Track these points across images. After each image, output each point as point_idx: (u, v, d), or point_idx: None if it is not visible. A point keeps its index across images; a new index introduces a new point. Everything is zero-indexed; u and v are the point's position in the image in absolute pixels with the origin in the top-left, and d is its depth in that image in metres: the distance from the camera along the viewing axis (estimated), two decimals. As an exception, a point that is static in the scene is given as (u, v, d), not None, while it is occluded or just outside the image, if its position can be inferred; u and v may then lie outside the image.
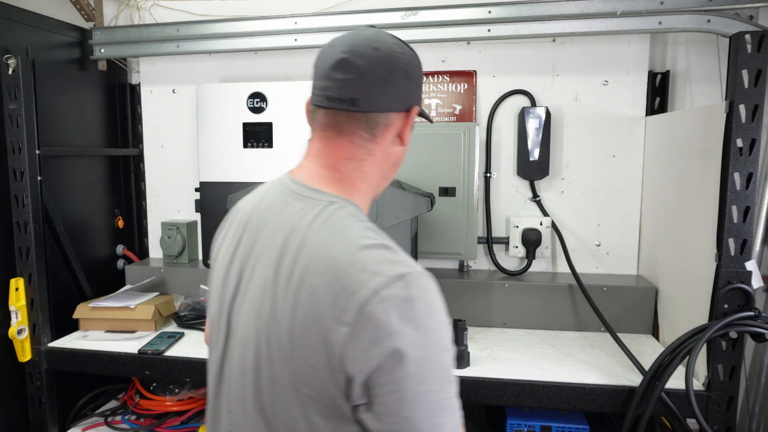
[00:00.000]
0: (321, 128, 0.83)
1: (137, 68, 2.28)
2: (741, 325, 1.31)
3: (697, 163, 1.51)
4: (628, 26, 1.71)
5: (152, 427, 1.79)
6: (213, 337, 0.86)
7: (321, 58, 0.83)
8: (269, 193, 0.85)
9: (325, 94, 0.81)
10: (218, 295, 0.85)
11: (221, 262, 0.86)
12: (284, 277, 0.73)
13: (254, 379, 0.75)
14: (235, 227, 0.86)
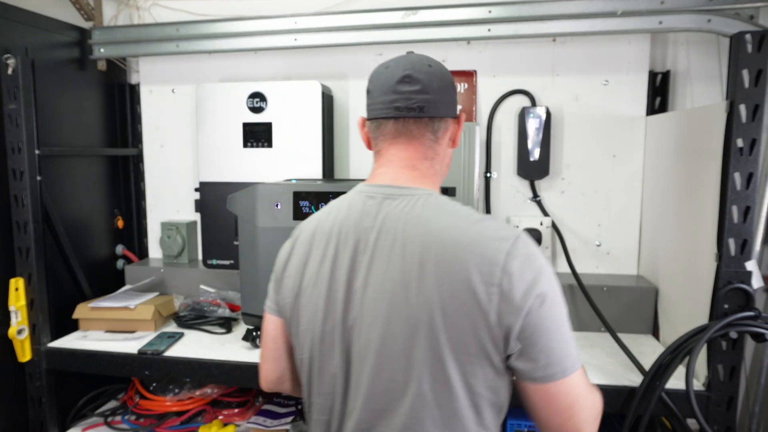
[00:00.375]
0: (392, 137, 0.94)
1: (137, 68, 2.28)
2: (741, 325, 1.31)
3: (697, 163, 1.51)
4: (629, 26, 1.71)
5: (152, 427, 1.79)
6: (319, 350, 0.91)
7: (380, 79, 0.94)
8: (353, 204, 0.93)
9: (394, 105, 0.91)
10: (319, 310, 0.90)
11: (313, 280, 0.92)
12: (416, 264, 0.82)
13: (406, 367, 0.82)
14: (320, 245, 0.92)
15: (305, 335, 0.94)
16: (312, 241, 0.94)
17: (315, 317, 0.91)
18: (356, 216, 0.90)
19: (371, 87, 0.96)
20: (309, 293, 0.92)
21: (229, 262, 2.00)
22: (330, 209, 0.97)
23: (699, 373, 1.44)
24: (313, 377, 0.94)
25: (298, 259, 0.95)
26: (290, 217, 1.55)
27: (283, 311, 1.00)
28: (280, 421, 1.77)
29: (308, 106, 1.90)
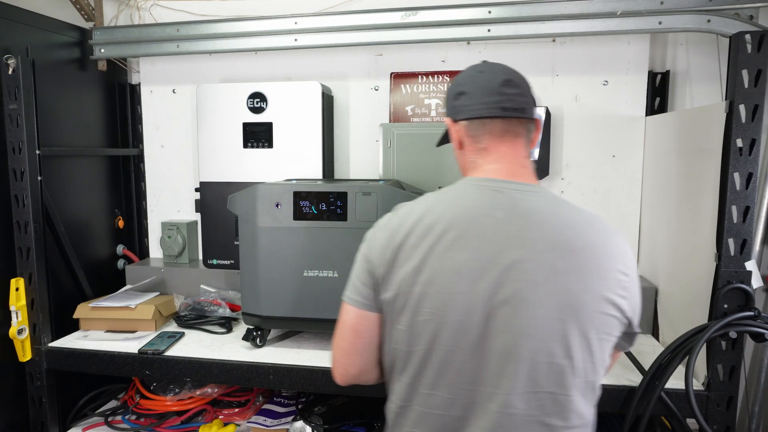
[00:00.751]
0: (500, 134, 1.01)
1: (137, 68, 2.28)
2: (741, 325, 1.31)
3: (697, 163, 1.51)
4: (628, 26, 1.71)
5: (152, 426, 1.79)
6: (448, 340, 0.91)
7: (478, 82, 1.02)
8: (477, 196, 0.96)
9: (500, 106, 0.99)
10: (454, 300, 0.90)
11: (447, 270, 0.91)
12: (562, 254, 0.89)
13: (564, 348, 0.89)
14: (445, 235, 0.92)
15: (425, 326, 0.92)
16: (430, 232, 0.93)
17: (447, 307, 0.91)
18: (486, 208, 0.94)
19: (467, 89, 1.02)
20: (441, 284, 0.91)
21: (229, 262, 2.00)
22: (439, 200, 0.98)
23: (698, 373, 1.44)
24: (427, 369, 0.93)
25: (417, 251, 0.93)
26: (290, 217, 1.55)
27: (387, 304, 0.97)
28: (280, 421, 1.77)
29: (308, 106, 1.91)
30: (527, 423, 0.90)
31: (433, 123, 2.03)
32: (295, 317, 1.59)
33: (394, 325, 0.98)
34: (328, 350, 1.64)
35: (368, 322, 1.02)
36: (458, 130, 1.05)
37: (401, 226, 0.97)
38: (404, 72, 2.06)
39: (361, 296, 1.02)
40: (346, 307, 1.05)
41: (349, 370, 1.06)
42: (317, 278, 1.56)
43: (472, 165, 1.04)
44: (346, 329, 1.04)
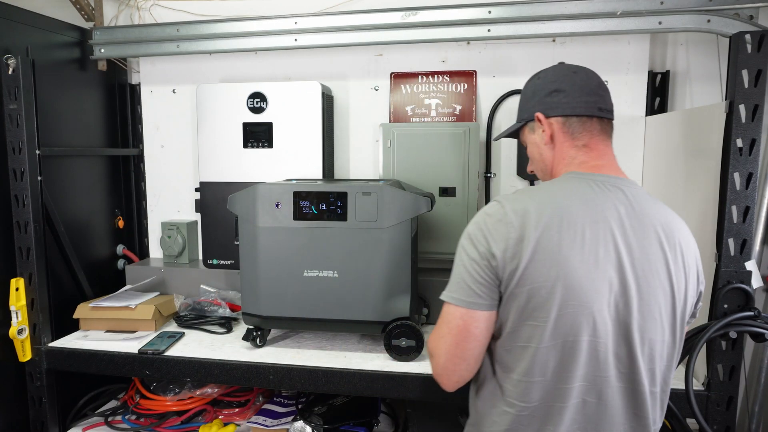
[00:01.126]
0: (598, 133, 1.07)
1: (137, 68, 2.28)
2: (741, 325, 1.31)
3: (697, 163, 1.51)
4: (628, 26, 1.71)
5: (152, 426, 1.79)
6: (593, 330, 0.94)
7: (574, 81, 1.07)
8: (593, 191, 1.00)
9: (597, 106, 1.06)
10: (597, 290, 0.94)
11: (583, 261, 0.94)
12: (667, 247, 0.98)
13: (671, 333, 1.00)
14: (570, 227, 0.95)
15: (570, 317, 0.93)
16: (561, 226, 0.95)
17: (590, 299, 0.93)
18: (609, 203, 0.98)
19: (564, 87, 1.07)
20: (582, 275, 0.93)
21: (229, 262, 2.00)
22: (555, 194, 1.00)
23: (698, 373, 1.44)
24: (575, 359, 0.95)
25: (552, 245, 0.93)
26: (290, 217, 1.55)
27: (514, 299, 0.96)
28: (280, 421, 1.77)
29: (308, 106, 1.91)
30: (646, 396, 1.00)
31: (433, 123, 2.03)
32: (295, 317, 1.59)
33: (526, 322, 0.96)
34: (328, 350, 1.65)
35: (481, 323, 0.99)
36: (551, 125, 1.08)
37: (525, 220, 0.96)
38: (404, 72, 2.06)
39: (472, 296, 0.99)
40: (452, 309, 1.01)
41: (463, 376, 1.04)
42: (317, 278, 1.56)
43: (570, 161, 1.07)
44: (455, 333, 1.00)
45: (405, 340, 1.54)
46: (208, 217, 2.01)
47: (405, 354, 1.55)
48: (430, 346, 1.08)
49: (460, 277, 1.00)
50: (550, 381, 0.96)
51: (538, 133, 1.11)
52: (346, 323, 1.58)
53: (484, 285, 0.98)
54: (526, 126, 1.15)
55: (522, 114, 1.17)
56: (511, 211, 0.98)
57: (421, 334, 1.54)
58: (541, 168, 1.15)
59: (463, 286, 0.99)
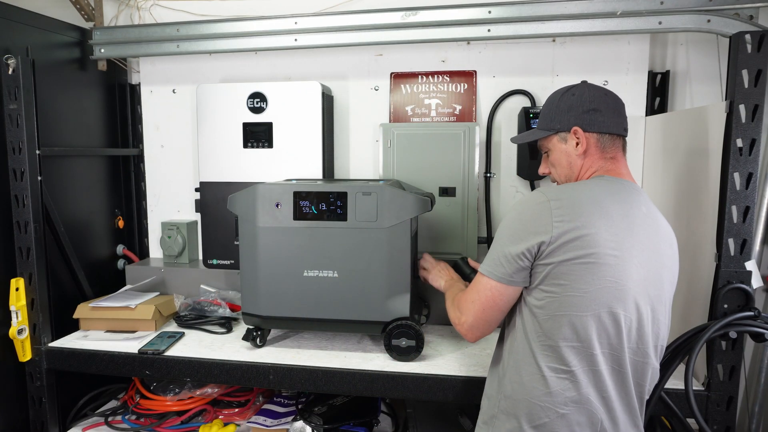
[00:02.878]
0: (621, 149, 1.24)
1: (137, 68, 2.28)
2: (741, 325, 1.31)
3: (697, 163, 1.51)
4: (628, 26, 1.71)
5: (152, 426, 1.79)
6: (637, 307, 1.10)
7: (608, 102, 1.22)
8: (624, 191, 1.15)
9: (623, 127, 1.24)
10: (639, 274, 1.10)
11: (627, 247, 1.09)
12: (665, 242, 1.16)
13: (668, 312, 1.18)
14: (610, 217, 1.09)
15: (605, 292, 1.07)
16: (590, 212, 1.08)
17: (623, 276, 1.07)
18: (635, 202, 1.14)
19: (600, 107, 1.21)
20: (617, 256, 1.07)
21: (229, 262, 2.00)
22: (590, 188, 1.14)
23: (698, 373, 1.44)
24: (606, 329, 1.08)
25: (587, 230, 1.06)
26: (290, 217, 1.55)
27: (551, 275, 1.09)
28: (279, 421, 1.77)
29: (308, 106, 1.91)
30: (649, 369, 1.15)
31: (433, 123, 2.03)
32: (295, 317, 1.59)
33: (566, 293, 1.08)
34: (328, 350, 1.65)
35: (508, 296, 1.16)
36: (588, 139, 1.21)
37: (567, 208, 1.09)
38: (404, 72, 2.06)
39: (505, 274, 1.13)
40: (485, 280, 1.18)
41: (485, 334, 1.24)
42: (317, 278, 1.56)
43: (599, 169, 1.22)
44: (483, 300, 1.19)
45: (405, 340, 1.54)
46: (208, 217, 2.01)
47: (405, 354, 1.55)
48: (461, 305, 1.25)
49: (498, 257, 1.15)
50: (586, 347, 1.08)
51: (571, 144, 1.23)
52: (346, 323, 1.58)
53: (519, 267, 1.12)
54: (556, 135, 1.26)
55: (553, 124, 1.26)
56: (554, 199, 1.10)
57: (421, 334, 1.54)
58: (566, 174, 1.27)
59: (498, 264, 1.14)
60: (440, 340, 1.72)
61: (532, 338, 1.12)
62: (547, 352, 1.10)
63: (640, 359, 1.12)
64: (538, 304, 1.11)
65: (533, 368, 1.11)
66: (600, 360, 1.09)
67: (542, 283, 1.10)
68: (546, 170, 1.33)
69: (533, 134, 1.32)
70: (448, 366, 1.53)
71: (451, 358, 1.58)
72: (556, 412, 1.09)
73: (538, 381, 1.11)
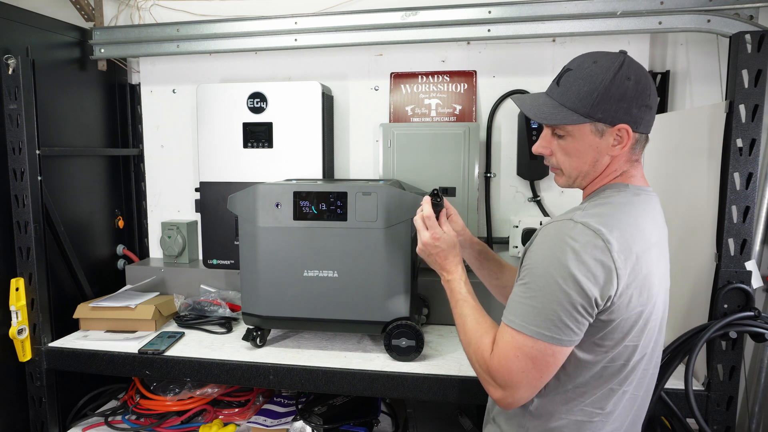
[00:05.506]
0: (644, 148, 1.06)
1: (137, 68, 2.28)
2: (741, 325, 1.31)
3: (697, 163, 1.51)
4: (628, 26, 1.71)
5: (152, 426, 1.79)
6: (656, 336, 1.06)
7: (654, 93, 1.02)
8: (656, 210, 1.07)
9: (651, 125, 1.05)
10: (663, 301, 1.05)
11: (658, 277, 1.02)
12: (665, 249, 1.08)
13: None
14: (653, 248, 1.01)
15: (652, 332, 1.03)
16: (640, 252, 0.97)
17: (665, 310, 1.07)
18: (659, 216, 1.07)
19: (652, 103, 1.01)
20: (658, 292, 1.02)
21: (229, 262, 2.00)
22: (633, 216, 1.00)
23: (698, 373, 1.44)
24: (643, 364, 1.03)
25: (639, 272, 0.96)
26: (290, 217, 1.55)
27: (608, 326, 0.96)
28: (280, 421, 1.77)
29: (308, 106, 1.91)
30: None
31: (433, 123, 2.03)
32: (295, 317, 1.59)
33: (622, 343, 0.98)
34: (328, 350, 1.65)
35: (562, 356, 0.97)
36: (631, 138, 1.00)
37: (622, 251, 0.94)
38: (404, 72, 2.06)
39: (569, 333, 0.95)
40: (541, 345, 0.95)
41: (530, 398, 1.03)
42: (317, 278, 1.56)
43: (620, 172, 1.04)
44: (542, 366, 0.97)
45: (405, 340, 1.54)
46: (208, 217, 2.01)
47: (405, 354, 1.55)
48: (499, 376, 1.00)
49: (555, 314, 0.94)
50: (627, 391, 1.03)
51: (607, 141, 1.00)
52: (346, 323, 1.58)
53: (581, 323, 0.94)
54: (591, 124, 1.00)
55: (594, 111, 0.98)
56: (611, 240, 0.93)
57: (421, 334, 1.54)
58: (581, 170, 1.05)
59: (558, 324, 0.94)
60: (440, 340, 1.72)
61: (564, 380, 1.01)
62: (582, 396, 1.01)
63: (652, 373, 1.10)
64: (590, 359, 0.98)
65: (565, 412, 1.02)
66: (637, 398, 1.06)
67: (596, 336, 0.96)
68: (546, 152, 1.08)
69: (560, 115, 1.01)
70: (448, 366, 1.52)
71: (451, 358, 1.58)
72: None
73: (570, 426, 1.02)
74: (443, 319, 1.85)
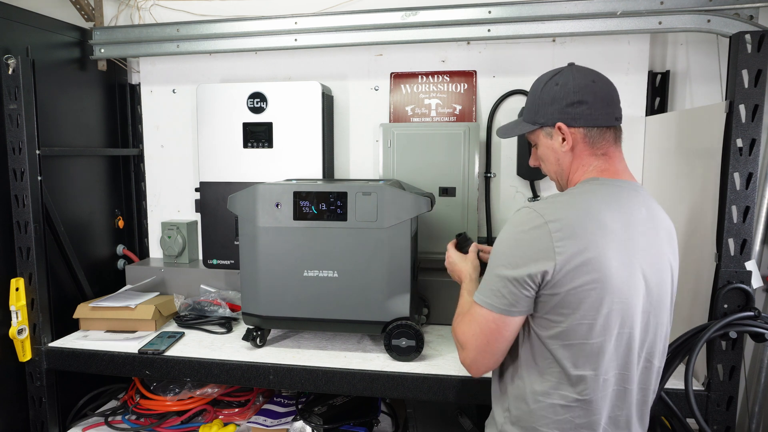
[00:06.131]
0: (614, 141, 1.12)
1: (137, 68, 2.28)
2: (741, 325, 1.31)
3: (697, 163, 1.51)
4: (628, 26, 1.71)
5: (152, 426, 1.79)
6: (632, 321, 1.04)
7: (596, 91, 1.10)
8: (620, 195, 1.07)
9: (615, 116, 1.11)
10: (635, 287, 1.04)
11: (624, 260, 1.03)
12: (666, 242, 1.10)
13: (669, 317, 1.13)
14: (607, 231, 1.02)
15: (615, 314, 1.02)
16: (590, 231, 1.01)
17: (631, 294, 1.02)
18: (634, 207, 1.07)
19: (586, 99, 1.09)
20: (621, 275, 1.01)
21: (229, 262, 2.00)
22: (587, 200, 1.05)
23: (698, 373, 1.44)
24: (617, 351, 1.04)
25: (589, 251, 0.99)
26: (290, 217, 1.55)
27: (556, 302, 1.02)
28: (280, 421, 1.77)
29: (308, 106, 1.91)
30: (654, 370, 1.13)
31: (433, 123, 2.03)
32: (295, 317, 1.59)
33: (576, 321, 1.02)
34: (328, 350, 1.65)
35: (512, 326, 1.07)
36: (573, 135, 1.11)
37: (566, 229, 1.00)
38: (404, 72, 2.06)
39: (507, 304, 1.05)
40: (485, 313, 1.07)
41: (490, 367, 1.14)
42: (317, 278, 1.56)
43: (590, 167, 1.12)
44: (487, 333, 1.08)
45: (405, 340, 1.54)
46: (208, 217, 2.01)
47: (405, 354, 1.55)
48: (461, 339, 1.14)
49: (496, 286, 1.05)
50: (598, 374, 1.03)
51: (557, 141, 1.13)
52: (346, 323, 1.58)
53: (521, 296, 1.03)
54: (541, 129, 1.16)
55: (537, 117, 1.15)
56: (552, 221, 1.01)
57: (421, 334, 1.54)
58: (556, 171, 1.18)
59: (498, 295, 1.05)
60: (440, 340, 1.72)
61: (542, 365, 1.07)
62: (558, 379, 1.05)
63: (646, 365, 1.10)
64: (548, 334, 1.05)
65: (543, 396, 1.06)
66: (611, 383, 1.05)
67: (549, 313, 1.03)
68: (536, 163, 1.25)
69: (518, 128, 1.22)
70: (448, 366, 1.52)
71: (451, 358, 1.58)
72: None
73: (547, 409, 1.06)
74: (443, 319, 1.85)
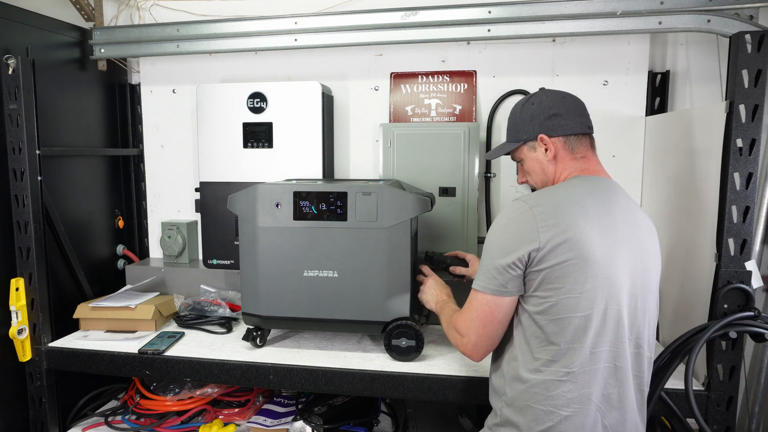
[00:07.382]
0: (589, 146, 1.27)
1: (137, 68, 2.28)
2: (741, 325, 1.31)
3: (697, 163, 1.51)
4: (628, 26, 1.71)
5: (152, 426, 1.79)
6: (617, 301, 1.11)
7: (567, 105, 1.26)
8: (597, 189, 1.18)
9: (587, 124, 1.27)
10: (615, 268, 1.11)
11: (602, 246, 1.10)
12: (644, 231, 1.18)
13: (654, 300, 1.19)
14: (584, 218, 1.11)
15: (600, 290, 1.09)
16: (573, 215, 1.10)
17: (614, 273, 1.10)
18: (614, 197, 1.17)
19: (560, 111, 1.25)
20: (604, 255, 1.09)
21: (229, 262, 2.00)
22: (569, 191, 1.17)
23: (698, 373, 1.44)
24: (605, 326, 1.10)
25: (572, 233, 1.08)
26: (290, 217, 1.55)
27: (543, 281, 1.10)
28: (280, 421, 1.77)
29: (308, 106, 1.91)
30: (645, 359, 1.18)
31: (433, 123, 2.03)
32: (295, 317, 1.59)
33: (561, 297, 1.09)
34: (328, 350, 1.65)
35: (505, 307, 1.17)
36: (555, 144, 1.25)
37: (550, 215, 1.11)
38: (404, 72, 2.06)
39: (497, 284, 1.15)
40: (479, 295, 1.18)
41: (489, 350, 1.24)
42: (317, 278, 1.56)
43: (573, 170, 1.25)
44: (484, 317, 1.19)
45: (405, 340, 1.54)
46: (208, 217, 2.01)
47: (405, 354, 1.55)
48: (461, 327, 1.24)
49: (492, 273, 1.16)
50: (586, 347, 1.09)
51: (540, 152, 1.27)
52: (346, 323, 1.58)
53: (511, 276, 1.13)
54: (525, 145, 1.30)
55: (519, 135, 1.30)
56: (536, 205, 1.12)
57: (421, 334, 1.54)
58: (542, 180, 1.30)
59: (490, 278, 1.16)
60: (440, 340, 1.72)
61: (534, 344, 1.13)
62: (549, 356, 1.11)
63: (636, 350, 1.15)
64: (537, 310, 1.12)
65: (535, 374, 1.12)
66: (601, 358, 1.10)
67: (538, 290, 1.12)
68: (523, 179, 1.37)
69: (503, 148, 1.37)
70: (448, 366, 1.53)
71: (451, 358, 1.58)
72: (560, 415, 1.09)
73: (539, 386, 1.11)
74: (443, 319, 1.85)
